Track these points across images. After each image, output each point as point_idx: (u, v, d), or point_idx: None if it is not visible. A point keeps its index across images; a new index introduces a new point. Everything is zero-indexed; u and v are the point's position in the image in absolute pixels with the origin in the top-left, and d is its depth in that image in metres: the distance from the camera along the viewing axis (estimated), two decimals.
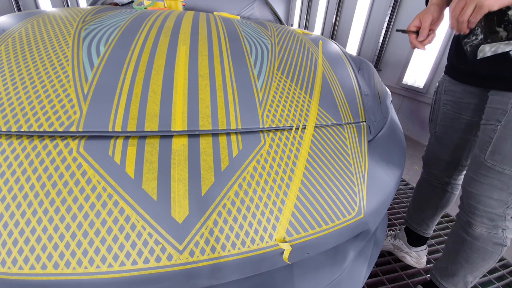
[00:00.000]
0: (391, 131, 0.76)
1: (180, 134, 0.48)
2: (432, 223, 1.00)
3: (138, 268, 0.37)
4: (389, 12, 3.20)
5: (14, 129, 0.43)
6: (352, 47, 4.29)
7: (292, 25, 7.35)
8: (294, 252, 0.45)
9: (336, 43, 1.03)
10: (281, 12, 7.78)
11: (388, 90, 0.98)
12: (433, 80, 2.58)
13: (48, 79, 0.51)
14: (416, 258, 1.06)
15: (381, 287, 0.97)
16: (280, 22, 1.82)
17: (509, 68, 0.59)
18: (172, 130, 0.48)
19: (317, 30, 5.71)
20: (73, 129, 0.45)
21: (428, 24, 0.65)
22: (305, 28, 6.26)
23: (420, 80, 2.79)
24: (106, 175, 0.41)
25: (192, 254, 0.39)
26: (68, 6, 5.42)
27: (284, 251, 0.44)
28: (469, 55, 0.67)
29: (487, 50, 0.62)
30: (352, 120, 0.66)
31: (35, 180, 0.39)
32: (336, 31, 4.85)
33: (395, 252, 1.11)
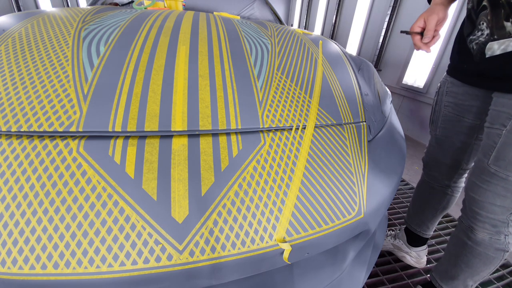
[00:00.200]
0: (391, 131, 0.76)
1: (180, 134, 0.48)
2: (432, 225, 0.99)
3: (138, 268, 0.37)
4: (389, 12, 3.20)
5: (14, 129, 0.43)
6: (352, 47, 4.29)
7: (292, 25, 7.35)
8: (294, 252, 0.45)
9: (336, 43, 1.03)
10: (281, 12, 7.79)
11: (388, 90, 0.98)
12: (433, 80, 2.58)
13: (48, 79, 0.51)
14: (416, 258, 1.05)
15: (381, 287, 0.97)
16: (280, 22, 1.82)
17: None
18: (172, 130, 0.48)
19: (317, 30, 5.71)
20: (73, 129, 0.45)
21: (434, 25, 0.62)
22: (305, 28, 6.26)
23: (420, 80, 2.79)
24: (106, 175, 0.41)
25: (192, 254, 0.39)
26: (68, 6, 5.42)
27: (284, 251, 0.44)
28: (475, 54, 0.63)
29: (495, 48, 0.57)
30: (352, 120, 0.66)
31: (35, 180, 0.39)
32: (336, 31, 4.85)
33: (395, 252, 1.11)
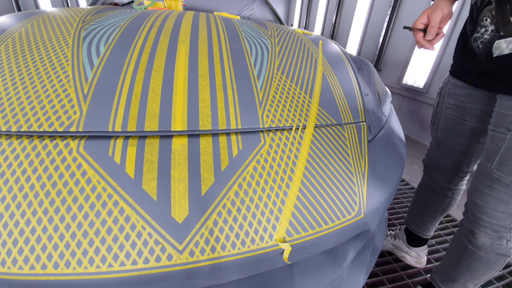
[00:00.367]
0: (391, 131, 0.76)
1: (180, 134, 0.48)
2: (432, 226, 0.99)
3: (138, 268, 0.37)
4: (389, 12, 3.20)
5: (14, 129, 0.43)
6: (352, 47, 4.29)
7: (292, 25, 7.35)
8: (294, 252, 0.45)
9: (336, 43, 1.03)
10: (281, 12, 7.79)
11: (388, 90, 0.98)
12: (433, 80, 2.58)
13: (48, 79, 0.51)
14: (416, 257, 1.05)
15: (381, 287, 0.97)
16: (280, 22, 1.82)
17: None
18: (172, 130, 0.48)
19: (317, 30, 5.71)
20: (73, 129, 0.45)
21: (438, 22, 0.60)
22: (305, 28, 6.26)
23: (420, 80, 2.79)
24: (106, 175, 0.41)
25: (192, 254, 0.39)
26: (68, 6, 5.42)
27: (284, 251, 0.44)
28: (481, 53, 0.59)
29: (504, 48, 0.53)
30: (352, 120, 0.65)
31: (35, 180, 0.39)
32: (336, 31, 4.85)
33: (395, 252, 1.11)
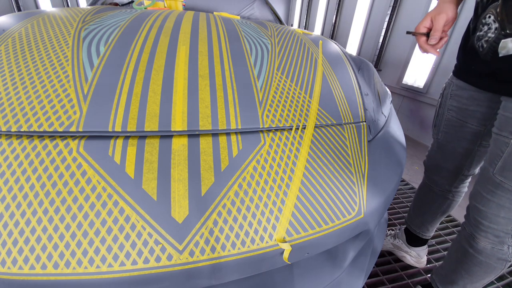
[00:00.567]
0: (391, 131, 0.76)
1: (180, 134, 0.48)
2: (432, 227, 0.99)
3: (138, 268, 0.37)
4: (389, 12, 3.20)
5: (14, 129, 0.43)
6: (352, 47, 4.29)
7: (292, 25, 7.35)
8: (294, 252, 0.45)
9: (336, 43, 1.03)
10: (281, 12, 7.79)
11: (388, 90, 0.98)
12: (433, 80, 2.58)
13: (48, 79, 0.51)
14: (416, 257, 1.05)
15: (381, 287, 0.97)
16: (280, 22, 1.82)
17: None
18: (172, 130, 0.48)
19: (317, 30, 5.71)
20: (73, 129, 0.45)
21: (442, 25, 0.57)
22: (305, 28, 6.26)
23: (420, 80, 2.79)
24: (106, 175, 0.41)
25: (192, 254, 0.39)
26: (68, 6, 5.42)
27: (284, 251, 0.44)
28: (486, 52, 0.56)
29: (511, 47, 0.50)
30: (352, 120, 0.65)
31: (35, 180, 0.39)
32: (336, 31, 4.85)
33: (395, 251, 1.11)
